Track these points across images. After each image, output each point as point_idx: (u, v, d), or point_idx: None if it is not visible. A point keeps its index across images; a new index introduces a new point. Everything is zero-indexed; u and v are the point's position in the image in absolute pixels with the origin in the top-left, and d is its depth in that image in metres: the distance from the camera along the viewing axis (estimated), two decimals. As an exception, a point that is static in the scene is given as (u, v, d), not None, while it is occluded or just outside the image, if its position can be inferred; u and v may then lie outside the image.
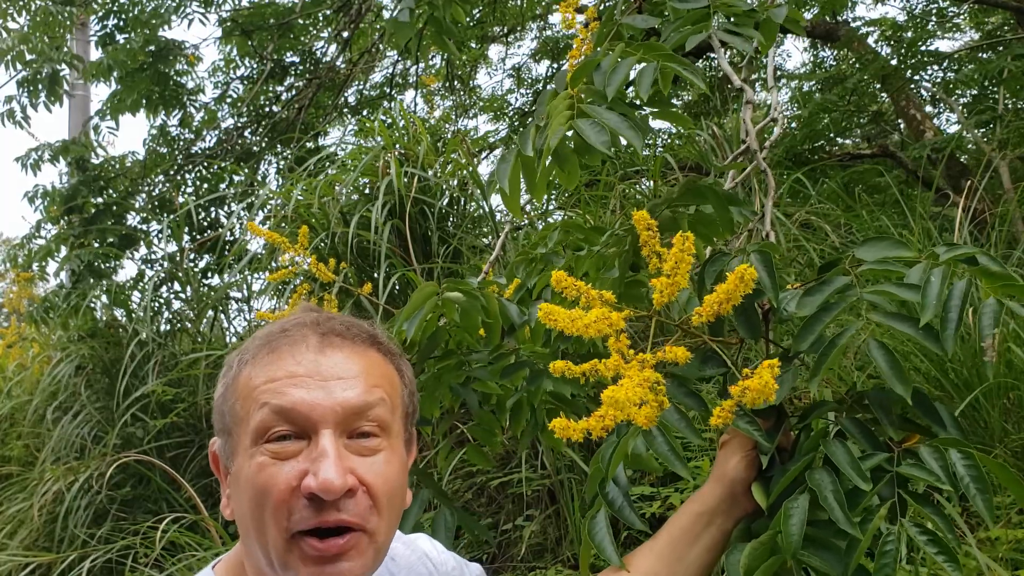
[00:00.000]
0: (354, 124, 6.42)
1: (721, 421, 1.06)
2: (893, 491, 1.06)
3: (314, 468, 0.87)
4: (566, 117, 1.24)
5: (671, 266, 1.09)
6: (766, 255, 1.22)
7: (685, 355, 1.06)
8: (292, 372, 0.90)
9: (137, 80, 6.01)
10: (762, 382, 1.00)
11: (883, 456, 1.09)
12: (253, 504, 0.88)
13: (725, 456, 1.21)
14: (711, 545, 1.17)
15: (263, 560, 0.90)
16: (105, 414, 4.58)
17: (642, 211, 1.15)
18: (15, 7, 6.21)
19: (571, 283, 1.09)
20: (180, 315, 5.23)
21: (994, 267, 1.12)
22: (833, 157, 5.19)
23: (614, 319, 1.04)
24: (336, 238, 4.01)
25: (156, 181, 6.26)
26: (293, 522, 0.87)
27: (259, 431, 0.89)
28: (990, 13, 5.80)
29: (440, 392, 1.46)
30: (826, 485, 1.06)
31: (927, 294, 1.10)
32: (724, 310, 1.09)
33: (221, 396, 0.95)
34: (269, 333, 0.95)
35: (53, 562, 3.74)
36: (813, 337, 1.15)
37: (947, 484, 1.04)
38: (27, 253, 6.02)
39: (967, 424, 2.63)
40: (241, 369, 0.94)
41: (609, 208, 4.11)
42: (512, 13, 6.95)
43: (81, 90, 7.67)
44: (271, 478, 0.87)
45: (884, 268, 1.18)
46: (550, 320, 1.06)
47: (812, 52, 6.86)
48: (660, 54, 1.28)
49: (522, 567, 3.10)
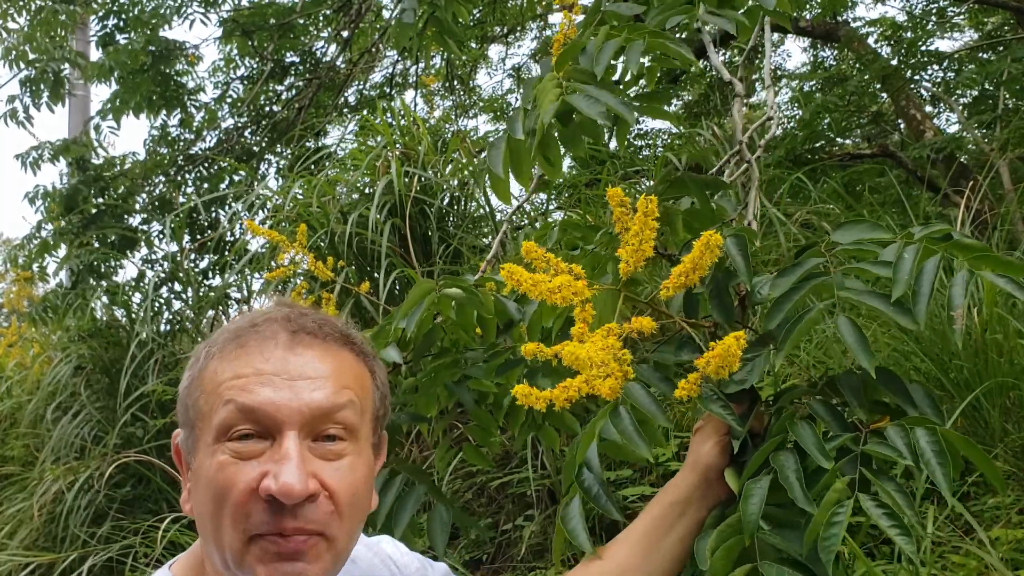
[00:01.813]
0: (355, 124, 6.41)
1: (685, 394, 1.05)
2: (855, 468, 1.07)
3: (275, 470, 0.84)
4: (556, 95, 1.22)
5: (635, 232, 1.08)
6: (740, 238, 1.22)
7: (651, 324, 1.05)
8: (259, 369, 0.87)
9: (138, 81, 6.00)
10: (725, 347, 0.99)
11: (849, 436, 1.10)
12: (212, 503, 0.86)
13: (699, 442, 1.20)
14: (685, 534, 1.16)
15: (219, 560, 0.88)
16: (105, 414, 4.58)
17: (616, 188, 1.15)
18: (15, 7, 6.21)
19: (540, 254, 1.08)
20: (180, 315, 5.23)
21: (968, 240, 1.12)
22: (833, 157, 5.18)
23: (579, 287, 1.03)
24: (336, 237, 4.01)
25: (156, 182, 6.26)
26: (251, 524, 0.85)
27: (222, 428, 0.86)
28: (990, 13, 5.79)
29: (436, 391, 1.45)
30: (788, 465, 1.07)
31: (899, 269, 1.11)
32: (691, 280, 1.08)
33: (186, 388, 0.93)
34: (239, 327, 0.92)
35: (53, 562, 3.74)
36: (782, 315, 1.16)
37: (908, 459, 1.04)
38: (28, 253, 6.02)
39: (967, 424, 2.63)
40: (208, 362, 0.91)
41: (609, 208, 4.10)
42: (512, 13, 6.95)
43: (81, 90, 7.67)
44: (231, 477, 0.85)
45: (858, 249, 1.18)
46: (512, 280, 1.04)
47: (812, 52, 6.86)
48: (646, 32, 1.27)
49: (522, 567, 3.10)
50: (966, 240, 1.13)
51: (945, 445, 1.05)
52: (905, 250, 1.13)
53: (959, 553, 2.30)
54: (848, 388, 1.16)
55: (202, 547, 0.94)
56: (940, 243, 1.13)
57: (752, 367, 1.15)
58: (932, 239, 1.14)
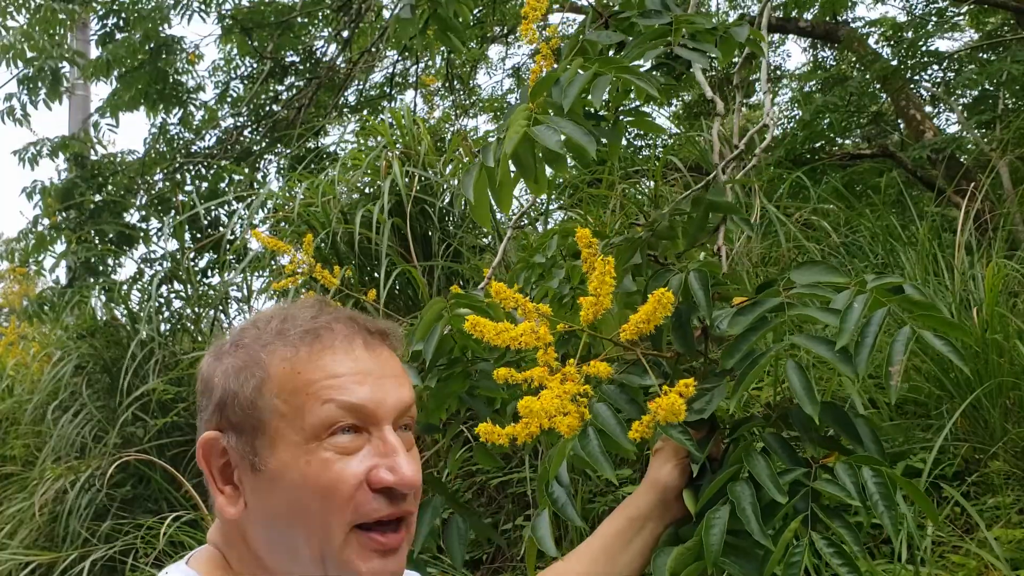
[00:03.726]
0: (355, 123, 6.42)
1: (639, 435, 1.12)
2: (807, 505, 1.15)
3: (388, 463, 0.90)
4: (522, 126, 1.30)
5: (595, 287, 1.17)
6: (703, 274, 1.29)
7: (607, 370, 1.15)
8: (354, 369, 0.92)
9: (135, 76, 6.00)
10: (670, 402, 1.07)
11: (801, 471, 1.18)
12: (315, 499, 0.89)
13: (658, 463, 1.27)
14: (643, 548, 1.23)
15: (308, 557, 0.91)
16: (105, 413, 4.58)
17: (584, 229, 1.24)
18: (14, 5, 6.21)
19: (509, 295, 1.16)
20: (180, 314, 5.23)
21: (918, 296, 1.19)
22: (833, 157, 5.19)
23: (541, 333, 1.12)
24: (337, 237, 4.01)
25: (155, 180, 6.26)
26: (360, 514, 0.90)
27: (321, 426, 0.90)
28: (990, 13, 5.80)
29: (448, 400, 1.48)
30: (745, 497, 1.15)
31: (847, 319, 1.17)
32: (645, 329, 1.17)
33: (254, 391, 0.92)
34: (307, 329, 0.94)
35: (54, 561, 3.74)
36: (740, 355, 1.23)
37: (856, 500, 1.12)
38: (24, 248, 6.01)
39: (967, 424, 2.63)
40: (280, 365, 0.92)
41: (609, 208, 4.11)
42: (512, 13, 6.95)
43: (81, 90, 7.68)
44: (339, 473, 0.89)
45: (812, 293, 1.25)
46: (476, 331, 1.14)
47: (812, 52, 6.87)
48: (615, 67, 1.35)
49: (522, 567, 3.10)
50: (915, 296, 1.18)
51: (890, 485, 1.12)
52: (856, 299, 1.18)
53: (959, 553, 2.30)
54: (799, 423, 1.23)
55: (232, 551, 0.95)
56: (891, 295, 1.18)
57: (711, 397, 1.24)
58: (883, 290, 1.19)
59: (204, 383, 0.96)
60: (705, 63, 1.45)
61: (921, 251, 3.32)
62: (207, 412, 0.95)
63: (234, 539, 0.95)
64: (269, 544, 0.93)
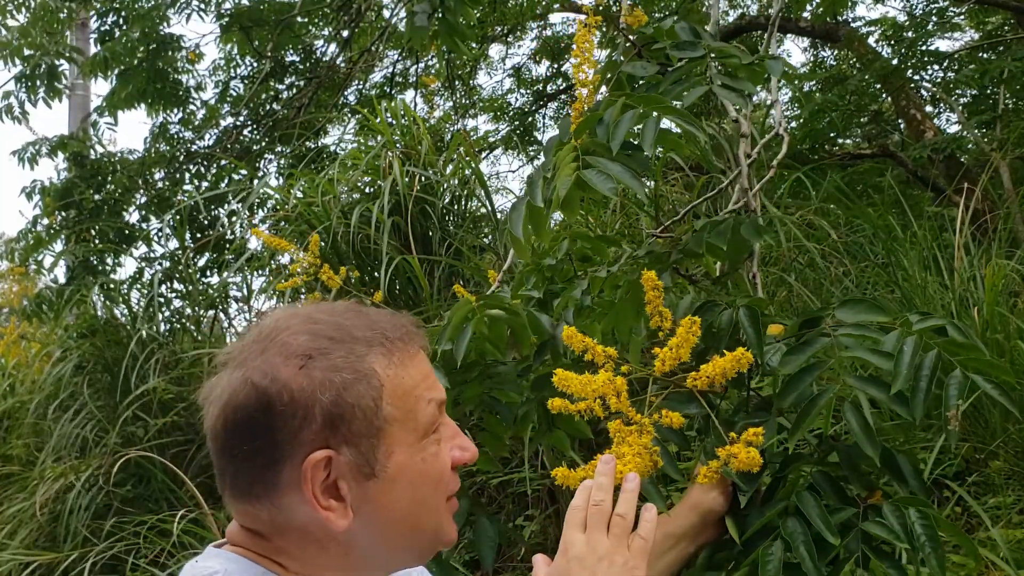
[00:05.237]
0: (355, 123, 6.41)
1: (708, 480, 1.17)
2: (858, 546, 1.20)
3: (460, 443, 1.03)
4: (572, 168, 1.34)
5: (677, 342, 1.21)
6: (753, 311, 1.33)
7: (680, 420, 1.19)
8: (429, 368, 1.03)
9: (134, 74, 5.99)
10: (748, 455, 1.12)
11: (851, 511, 1.23)
12: (431, 490, 0.99)
13: (703, 488, 1.32)
14: (672, 564, 1.30)
15: (422, 541, 1.01)
16: (106, 412, 4.58)
17: (650, 272, 1.28)
18: (14, 4, 6.20)
19: (579, 339, 1.23)
20: (179, 314, 5.23)
21: (961, 339, 1.24)
22: (833, 157, 5.19)
23: (618, 384, 1.18)
24: (338, 236, 4.01)
25: (155, 179, 6.26)
26: (450, 490, 1.02)
27: (430, 424, 0.99)
28: (990, 13, 5.80)
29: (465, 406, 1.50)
30: (798, 535, 1.20)
31: (900, 363, 1.22)
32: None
33: (373, 402, 0.94)
34: (396, 336, 0.99)
35: (54, 561, 3.74)
36: (795, 395, 1.27)
37: (905, 542, 1.16)
38: (24, 247, 6.01)
39: (967, 424, 2.64)
40: (386, 372, 0.96)
41: (610, 208, 4.11)
42: (512, 13, 6.95)
43: (81, 89, 7.67)
44: (444, 460, 1.01)
45: (860, 333, 1.29)
46: (563, 385, 1.19)
47: (812, 52, 6.87)
48: (659, 107, 1.38)
49: (522, 567, 3.11)
50: (959, 339, 1.24)
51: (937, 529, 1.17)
52: (904, 342, 1.23)
53: (959, 553, 2.31)
54: (847, 462, 1.28)
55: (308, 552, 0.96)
56: (935, 336, 1.24)
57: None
58: (929, 332, 1.24)
59: (290, 405, 0.91)
60: (742, 104, 1.47)
61: (921, 251, 3.32)
62: (307, 432, 0.92)
63: (304, 545, 0.96)
64: (385, 543, 0.98)
